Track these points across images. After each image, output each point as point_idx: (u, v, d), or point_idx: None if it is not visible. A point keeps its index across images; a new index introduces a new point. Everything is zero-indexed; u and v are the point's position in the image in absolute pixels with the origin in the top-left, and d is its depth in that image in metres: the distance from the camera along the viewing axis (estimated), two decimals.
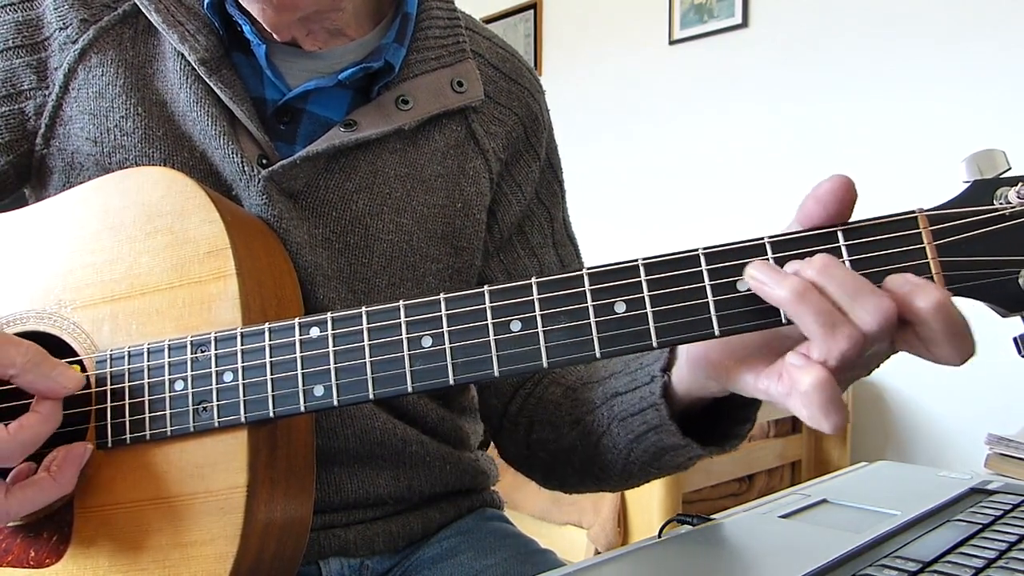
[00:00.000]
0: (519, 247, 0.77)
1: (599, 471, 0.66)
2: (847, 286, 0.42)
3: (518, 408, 0.74)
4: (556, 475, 0.73)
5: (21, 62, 0.68)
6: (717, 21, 2.88)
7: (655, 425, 0.58)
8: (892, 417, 2.50)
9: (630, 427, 0.60)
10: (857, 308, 0.41)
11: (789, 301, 0.42)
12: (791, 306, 0.42)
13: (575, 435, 0.67)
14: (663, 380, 0.56)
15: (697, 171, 2.95)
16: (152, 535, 0.54)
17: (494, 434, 0.78)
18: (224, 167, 0.65)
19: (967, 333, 0.42)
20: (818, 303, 0.42)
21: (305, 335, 0.52)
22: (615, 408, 0.61)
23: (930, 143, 2.35)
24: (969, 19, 2.31)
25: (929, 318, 0.41)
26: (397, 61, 0.69)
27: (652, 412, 0.57)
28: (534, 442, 0.72)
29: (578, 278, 0.47)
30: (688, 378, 0.55)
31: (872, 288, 0.42)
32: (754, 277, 0.44)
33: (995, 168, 0.44)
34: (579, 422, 0.66)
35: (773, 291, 0.43)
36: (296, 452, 0.57)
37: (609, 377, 0.64)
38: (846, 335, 0.41)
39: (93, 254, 0.59)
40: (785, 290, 0.42)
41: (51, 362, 0.53)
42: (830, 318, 0.41)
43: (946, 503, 0.61)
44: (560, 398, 0.70)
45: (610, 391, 0.62)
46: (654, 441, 0.59)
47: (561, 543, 2.06)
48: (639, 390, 0.59)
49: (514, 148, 0.76)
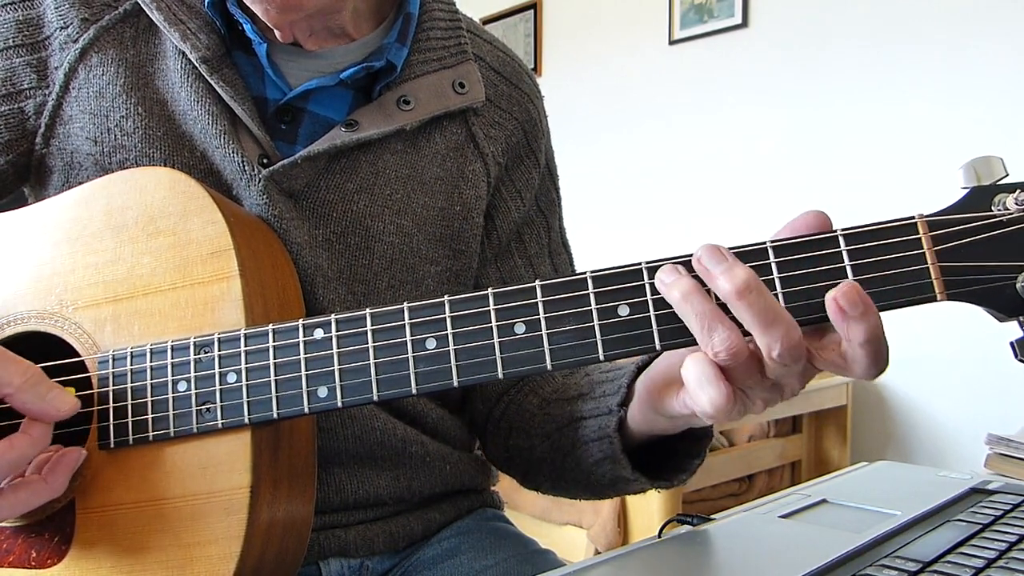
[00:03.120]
0: (516, 255, 0.77)
1: (567, 483, 0.69)
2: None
3: (500, 414, 0.75)
4: (531, 480, 0.75)
5: (21, 61, 0.68)
6: (717, 21, 2.88)
7: (609, 455, 0.60)
8: (892, 417, 2.50)
9: (590, 452, 0.62)
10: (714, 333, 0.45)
11: (676, 301, 0.46)
12: (676, 306, 0.46)
13: (545, 448, 0.68)
14: (619, 414, 0.59)
15: (697, 171, 2.94)
16: (155, 536, 0.54)
17: (479, 435, 0.79)
18: (225, 166, 0.65)
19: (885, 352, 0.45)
20: (700, 304, 0.45)
21: (309, 336, 0.52)
22: (579, 431, 0.63)
23: (929, 143, 2.35)
24: (970, 22, 2.31)
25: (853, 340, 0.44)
26: (399, 61, 0.69)
27: (607, 443, 0.60)
28: (511, 447, 0.73)
29: (582, 281, 0.48)
30: (639, 415, 0.58)
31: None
32: (660, 280, 0.47)
33: (993, 175, 0.45)
34: (549, 437, 0.68)
35: (668, 292, 0.46)
36: (298, 452, 0.57)
37: (577, 398, 0.65)
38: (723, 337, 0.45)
39: (95, 254, 0.59)
40: (676, 291, 0.46)
41: (48, 384, 0.53)
42: (709, 320, 0.45)
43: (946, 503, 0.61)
44: (536, 409, 0.71)
45: (577, 413, 0.64)
46: (609, 469, 0.61)
47: (561, 543, 2.06)
48: (599, 419, 0.61)
49: (514, 153, 0.76)
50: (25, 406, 0.52)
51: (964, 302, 0.44)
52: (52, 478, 0.53)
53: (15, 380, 0.51)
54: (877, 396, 2.52)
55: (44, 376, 0.53)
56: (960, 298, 0.44)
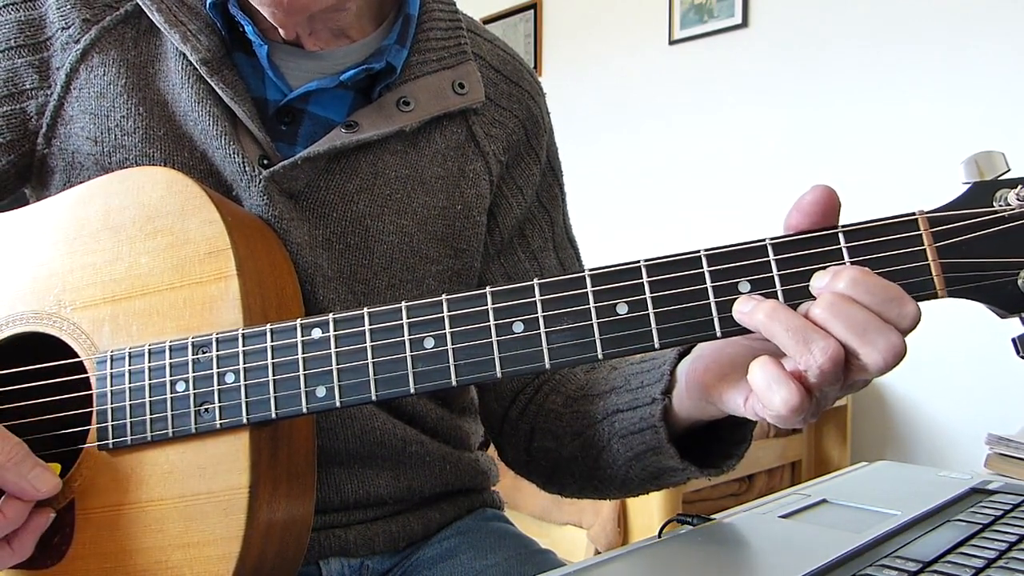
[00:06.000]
0: (519, 250, 0.77)
1: (599, 483, 0.68)
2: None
3: (519, 414, 0.74)
4: (556, 482, 0.73)
5: (23, 61, 0.68)
6: (717, 21, 2.88)
7: (654, 446, 0.59)
8: (892, 417, 2.50)
9: (630, 445, 0.61)
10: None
11: (763, 323, 0.44)
12: (764, 329, 0.45)
13: (575, 447, 0.67)
14: (663, 403, 0.58)
15: (697, 171, 2.95)
16: (154, 536, 0.54)
17: (494, 438, 0.78)
18: (225, 167, 0.65)
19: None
20: (789, 320, 0.44)
21: (307, 336, 0.52)
22: (616, 425, 0.62)
23: (930, 144, 2.35)
24: (970, 22, 2.31)
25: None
26: (399, 62, 0.69)
27: (651, 433, 0.59)
28: (535, 450, 0.72)
29: (580, 279, 0.47)
30: (687, 402, 0.56)
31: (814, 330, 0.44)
32: (739, 311, 0.46)
33: (995, 170, 0.45)
34: (580, 435, 0.67)
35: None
36: (297, 452, 0.57)
37: (610, 392, 0.64)
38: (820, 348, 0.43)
39: (93, 254, 0.59)
40: (760, 313, 0.44)
41: (31, 463, 0.53)
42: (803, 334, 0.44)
43: (946, 503, 0.61)
44: (561, 408, 0.70)
45: (611, 407, 0.63)
46: (652, 461, 0.60)
47: (561, 543, 2.06)
48: (639, 410, 0.60)
49: (515, 151, 0.76)
50: (6, 484, 0.52)
51: (965, 299, 0.44)
52: (18, 544, 0.53)
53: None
54: (877, 396, 2.52)
55: (28, 454, 0.53)
56: (961, 295, 0.44)
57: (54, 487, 0.54)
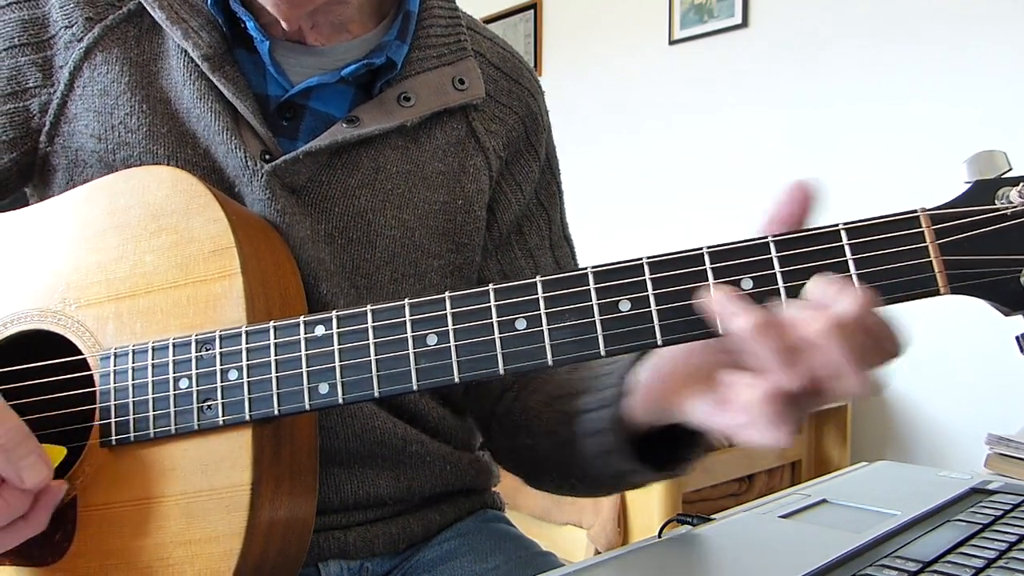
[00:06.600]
0: (516, 248, 0.78)
1: (574, 480, 0.68)
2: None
3: (504, 411, 0.74)
4: (536, 478, 0.74)
5: (27, 60, 0.68)
6: (717, 21, 2.88)
7: (611, 448, 0.59)
8: (892, 417, 2.50)
9: (593, 445, 0.61)
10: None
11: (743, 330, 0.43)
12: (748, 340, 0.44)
13: (549, 445, 0.68)
14: (614, 407, 0.58)
15: (697, 171, 2.94)
16: (156, 533, 0.54)
17: (484, 435, 0.79)
18: (227, 163, 0.65)
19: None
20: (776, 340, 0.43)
21: (310, 333, 0.52)
22: (583, 425, 0.62)
23: (930, 143, 2.35)
24: (970, 22, 2.31)
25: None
26: (399, 58, 0.69)
27: (609, 435, 0.59)
28: (518, 446, 0.73)
29: (583, 276, 0.48)
30: (641, 407, 0.56)
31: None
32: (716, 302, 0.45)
33: (996, 169, 0.45)
34: (554, 433, 0.67)
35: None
36: (300, 450, 0.57)
37: (582, 393, 0.65)
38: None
39: (98, 252, 0.59)
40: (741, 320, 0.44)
41: (25, 449, 0.51)
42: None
43: (946, 503, 0.61)
44: (540, 407, 0.70)
45: (580, 407, 0.63)
46: (613, 462, 0.61)
47: (561, 543, 2.06)
48: (601, 411, 0.60)
49: (514, 147, 0.77)
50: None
51: (967, 295, 0.44)
52: (33, 516, 0.53)
53: None
54: (877, 396, 2.52)
55: (26, 438, 0.51)
56: (963, 291, 0.44)
57: (41, 480, 0.52)
